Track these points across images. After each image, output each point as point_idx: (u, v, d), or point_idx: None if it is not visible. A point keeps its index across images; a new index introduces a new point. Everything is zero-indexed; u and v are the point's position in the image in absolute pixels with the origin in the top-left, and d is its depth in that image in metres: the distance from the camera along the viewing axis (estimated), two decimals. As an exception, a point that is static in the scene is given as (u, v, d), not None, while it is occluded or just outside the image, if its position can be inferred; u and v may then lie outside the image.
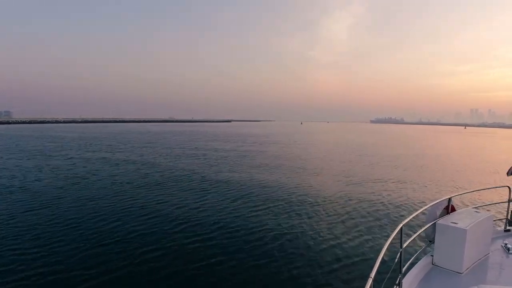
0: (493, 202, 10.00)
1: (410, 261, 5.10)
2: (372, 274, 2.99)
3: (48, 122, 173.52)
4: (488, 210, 6.03)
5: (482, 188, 11.95)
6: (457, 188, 20.45)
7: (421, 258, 5.28)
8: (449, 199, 5.61)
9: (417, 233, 5.10)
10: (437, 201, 5.51)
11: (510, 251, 5.67)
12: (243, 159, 33.37)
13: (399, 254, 4.15)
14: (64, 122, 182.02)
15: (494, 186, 18.70)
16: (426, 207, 5.36)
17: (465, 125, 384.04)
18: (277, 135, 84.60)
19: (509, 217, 6.82)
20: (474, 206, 6.40)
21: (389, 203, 16.16)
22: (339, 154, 40.20)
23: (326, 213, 14.27)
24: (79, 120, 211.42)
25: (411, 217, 4.71)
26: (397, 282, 4.23)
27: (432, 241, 5.35)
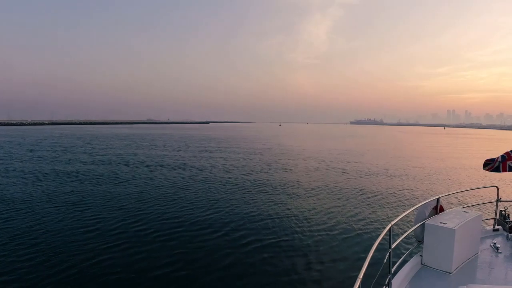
0: (482, 202, 10.20)
1: (400, 261, 5.16)
2: (361, 275, 3.02)
3: (13, 124, 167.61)
4: (477, 210, 6.12)
5: (470, 188, 12.23)
6: (445, 189, 20.86)
7: (410, 258, 5.34)
8: (438, 199, 5.75)
9: (406, 233, 5.15)
10: (426, 201, 5.65)
11: (499, 251, 5.80)
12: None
13: (388, 254, 4.18)
14: (30, 124, 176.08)
15: (482, 186, 19.14)
16: (415, 207, 5.45)
17: (444, 126, 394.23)
18: (248, 140, 74.81)
19: (497, 217, 7.03)
20: (462, 206, 6.51)
21: (378, 204, 16.43)
22: (324, 157, 40.41)
23: (315, 215, 14.36)
24: (47, 122, 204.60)
25: (400, 217, 4.75)
26: (386, 282, 4.27)
27: (421, 241, 5.43)
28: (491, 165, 6.83)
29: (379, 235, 4.01)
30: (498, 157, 6.83)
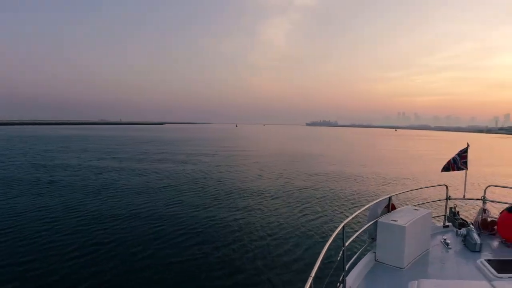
0: (432, 200, 10.64)
1: (354, 258, 5.20)
2: (313, 273, 3.00)
3: None
4: (427, 208, 6.31)
5: (421, 187, 12.77)
6: (397, 188, 21.60)
7: (364, 256, 5.41)
8: (390, 198, 5.86)
9: (359, 231, 5.22)
10: (378, 200, 5.77)
11: (449, 246, 6.02)
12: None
13: (341, 252, 4.20)
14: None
15: (432, 185, 20.07)
16: (367, 206, 5.57)
17: (396, 128, 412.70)
18: (194, 142, 67.12)
19: (447, 214, 7.35)
20: (413, 204, 6.70)
21: (332, 204, 16.65)
22: (279, 159, 40.70)
23: (267, 217, 14.29)
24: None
25: (353, 216, 4.82)
26: (340, 279, 4.29)
27: (374, 239, 5.53)
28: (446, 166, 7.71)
29: (333, 234, 4.01)
30: (450, 160, 7.58)
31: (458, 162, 7.70)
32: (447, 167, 7.78)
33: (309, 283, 2.88)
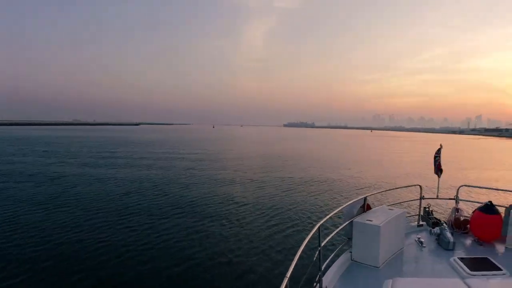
0: (407, 200, 10.86)
1: (330, 258, 5.27)
2: (288, 274, 3.01)
3: None
4: (402, 208, 6.44)
5: (396, 187, 13.03)
6: (372, 188, 21.94)
7: (340, 255, 5.47)
8: (365, 198, 5.97)
9: (335, 231, 5.31)
10: (354, 200, 5.85)
11: (423, 245, 6.16)
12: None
13: (317, 252, 4.25)
14: None
15: (407, 185, 20.53)
16: (343, 206, 5.65)
17: (371, 129, 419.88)
18: (168, 144, 63.94)
19: (421, 213, 7.51)
20: (388, 204, 6.82)
21: (308, 205, 16.75)
22: (253, 162, 40.70)
23: (243, 218, 14.25)
24: None
25: (328, 216, 4.93)
26: (317, 279, 4.32)
27: (350, 238, 5.58)
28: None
29: (309, 234, 4.02)
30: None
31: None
32: (440, 169, 8.01)
33: (285, 283, 2.87)
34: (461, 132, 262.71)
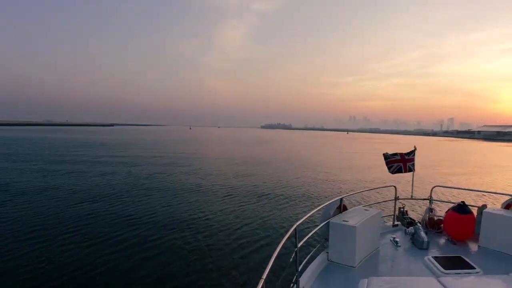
0: (382, 201, 11.08)
1: (307, 259, 5.30)
2: (264, 275, 2.99)
3: None
4: (377, 208, 6.54)
5: (371, 188, 13.27)
6: (348, 189, 22.21)
7: (317, 256, 5.51)
8: (341, 199, 6.07)
9: (312, 232, 5.32)
10: (330, 201, 5.93)
11: (398, 244, 6.29)
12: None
13: (294, 253, 4.24)
14: None
15: (382, 186, 20.96)
16: (320, 207, 5.71)
17: (347, 131, 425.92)
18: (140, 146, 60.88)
19: (396, 213, 7.68)
20: (364, 205, 6.93)
21: (285, 206, 16.76)
22: (228, 163, 40.56)
23: (218, 221, 14.09)
24: None
25: (305, 217, 4.90)
26: (293, 280, 4.32)
27: (327, 239, 5.62)
28: (394, 166, 7.97)
29: (285, 235, 4.01)
30: (397, 159, 7.94)
31: (407, 164, 8.05)
32: (399, 169, 8.09)
33: (261, 285, 2.86)
34: (434, 134, 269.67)
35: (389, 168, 8.08)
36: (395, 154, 8.01)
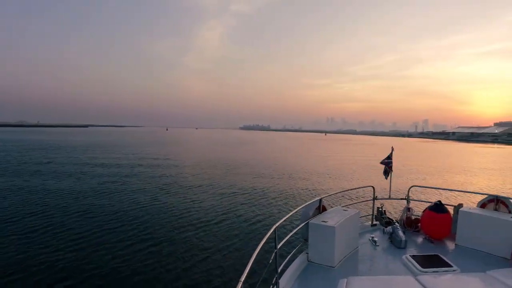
0: (360, 201, 11.26)
1: (287, 260, 5.30)
2: (242, 278, 2.98)
3: None
4: (356, 208, 6.62)
5: (350, 188, 13.45)
6: (327, 190, 22.40)
7: (297, 257, 5.54)
8: (320, 200, 6.10)
9: (292, 233, 5.31)
10: (309, 202, 5.95)
11: (377, 244, 6.39)
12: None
13: (274, 254, 4.23)
14: None
15: (360, 186, 21.26)
16: (299, 208, 5.75)
17: (325, 132, 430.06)
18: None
19: (375, 213, 7.80)
20: (343, 205, 7.01)
21: (263, 208, 16.75)
22: (206, 166, 40.30)
23: (192, 223, 13.90)
24: None
25: (284, 218, 4.94)
26: (273, 282, 4.30)
27: (306, 240, 5.66)
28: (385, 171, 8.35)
29: (264, 237, 3.99)
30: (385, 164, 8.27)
31: (387, 165, 8.27)
32: (387, 171, 8.39)
33: (239, 287, 2.84)
34: (409, 135, 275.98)
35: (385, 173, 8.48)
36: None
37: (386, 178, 8.41)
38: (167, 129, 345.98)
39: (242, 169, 32.33)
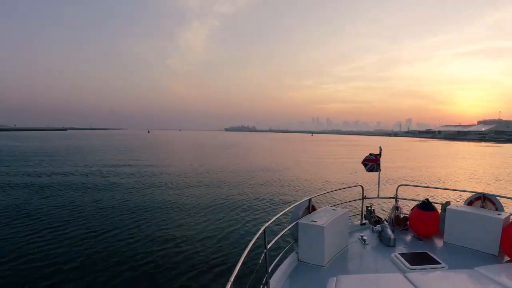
0: (350, 200, 11.42)
1: (277, 260, 5.41)
2: (232, 278, 3.02)
3: None
4: (345, 208, 6.77)
5: (339, 188, 13.62)
6: (316, 190, 22.61)
7: (287, 257, 5.63)
8: (310, 200, 6.21)
9: (281, 233, 5.37)
10: (299, 202, 6.08)
11: (366, 242, 6.51)
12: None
13: (263, 254, 4.27)
14: None
15: (349, 186, 21.50)
16: (288, 208, 5.84)
17: (312, 132, 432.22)
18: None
19: (364, 212, 7.94)
20: (332, 205, 7.13)
21: (252, 209, 16.84)
22: (192, 168, 40.12)
23: (181, 224, 13.92)
24: None
25: (274, 218, 5.00)
26: (264, 281, 4.36)
27: (296, 239, 5.75)
28: (369, 165, 8.43)
29: (254, 237, 4.05)
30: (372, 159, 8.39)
31: (375, 164, 8.43)
32: (372, 168, 8.50)
33: (228, 287, 2.88)
34: (395, 134, 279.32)
35: (365, 166, 8.55)
36: (371, 154, 8.45)
37: (369, 172, 8.60)
38: (148, 131, 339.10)
39: (228, 171, 32.26)
